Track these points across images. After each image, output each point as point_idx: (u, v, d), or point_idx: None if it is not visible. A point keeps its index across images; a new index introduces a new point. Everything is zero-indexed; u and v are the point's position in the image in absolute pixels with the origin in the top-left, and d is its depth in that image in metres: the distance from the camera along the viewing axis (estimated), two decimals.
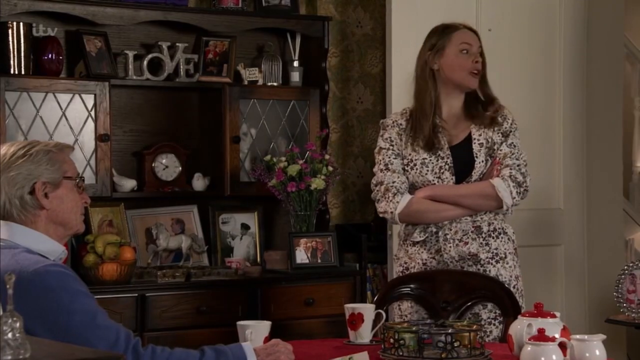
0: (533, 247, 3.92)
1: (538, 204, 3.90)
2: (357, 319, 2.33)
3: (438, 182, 2.76)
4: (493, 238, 2.79)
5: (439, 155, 2.78)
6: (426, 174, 2.77)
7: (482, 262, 2.78)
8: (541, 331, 1.95)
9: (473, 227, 2.77)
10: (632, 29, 5.34)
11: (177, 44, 3.70)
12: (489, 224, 2.79)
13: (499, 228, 2.81)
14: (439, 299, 2.72)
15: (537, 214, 3.93)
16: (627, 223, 4.84)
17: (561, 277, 3.98)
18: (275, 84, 3.88)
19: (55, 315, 1.78)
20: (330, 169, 3.71)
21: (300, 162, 3.68)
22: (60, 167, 1.96)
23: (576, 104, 3.99)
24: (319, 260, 3.68)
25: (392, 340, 2.07)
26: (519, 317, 2.12)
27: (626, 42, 4.86)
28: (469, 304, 2.74)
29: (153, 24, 3.69)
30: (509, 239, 2.82)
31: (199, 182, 3.74)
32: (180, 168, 3.75)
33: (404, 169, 2.82)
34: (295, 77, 3.92)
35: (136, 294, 3.31)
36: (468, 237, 2.77)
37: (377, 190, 2.82)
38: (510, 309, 2.64)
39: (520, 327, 2.05)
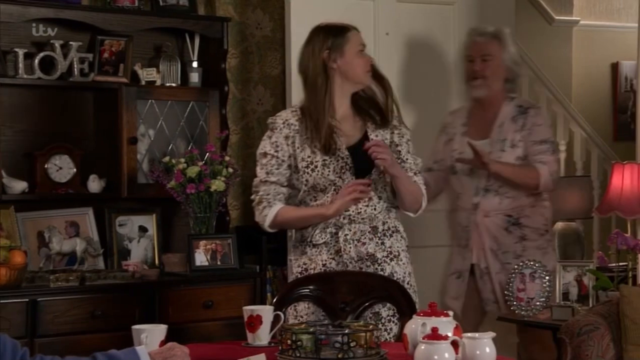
0: (431, 248, 4.00)
1: (437, 205, 3.98)
2: (255, 321, 2.33)
3: (339, 181, 2.81)
4: (387, 237, 2.87)
5: (339, 155, 2.83)
6: (328, 174, 2.82)
7: (379, 261, 2.84)
8: (434, 330, 1.99)
9: (370, 227, 2.83)
10: (522, 35, 5.53)
11: (71, 43, 3.60)
12: (384, 223, 2.86)
13: (393, 227, 2.89)
14: (338, 299, 2.75)
15: (436, 215, 4.00)
16: None
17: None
18: (173, 84, 3.83)
19: None
20: (231, 170, 3.69)
21: (200, 163, 3.64)
22: None
23: None
24: (219, 263, 3.65)
25: (289, 342, 2.07)
26: (414, 316, 2.16)
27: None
28: (367, 304, 2.78)
29: (45, 21, 3.59)
30: (401, 237, 2.90)
31: (94, 184, 3.66)
32: (74, 169, 3.65)
33: (301, 171, 2.84)
34: (195, 77, 3.89)
35: (27, 299, 3.21)
36: (365, 237, 2.83)
37: (253, 199, 2.90)
38: (406, 309, 2.68)
39: (415, 326, 2.09)
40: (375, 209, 2.85)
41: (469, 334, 2.02)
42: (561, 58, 6.22)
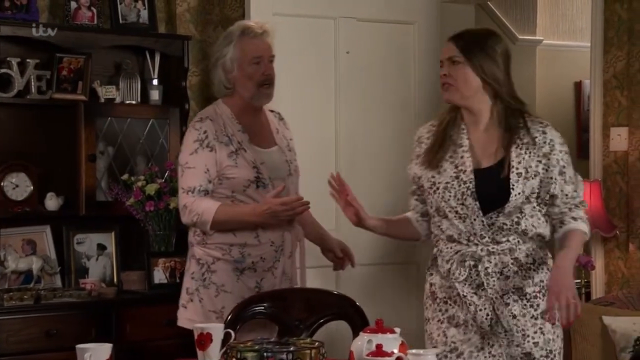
0: (390, 265, 4.03)
1: None
2: (206, 339, 2.32)
3: (461, 208, 2.47)
4: (534, 270, 2.51)
5: (461, 178, 2.49)
6: (449, 199, 2.50)
7: (528, 296, 2.48)
8: (379, 347, 2.01)
9: (512, 258, 2.47)
10: None
11: (28, 60, 3.60)
12: (527, 255, 2.49)
13: (539, 259, 2.52)
14: (292, 317, 2.75)
15: None
16: None
17: (416, 294, 4.09)
18: (133, 102, 3.84)
19: None
20: None
21: (160, 181, 3.64)
22: None
23: None
24: (178, 280, 3.64)
25: None
26: (361, 333, 2.17)
27: None
28: (321, 321, 2.78)
29: (1, 39, 3.57)
30: (549, 269, 2.50)
31: (52, 202, 3.64)
32: (31, 187, 3.64)
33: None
34: (155, 95, 3.90)
35: None
36: (509, 270, 2.47)
37: None
38: (359, 326, 2.69)
39: (361, 343, 2.10)
40: (508, 243, 2.48)
41: (414, 351, 2.03)
42: (525, 77, 6.30)
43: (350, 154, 3.95)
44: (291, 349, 2.07)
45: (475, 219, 2.44)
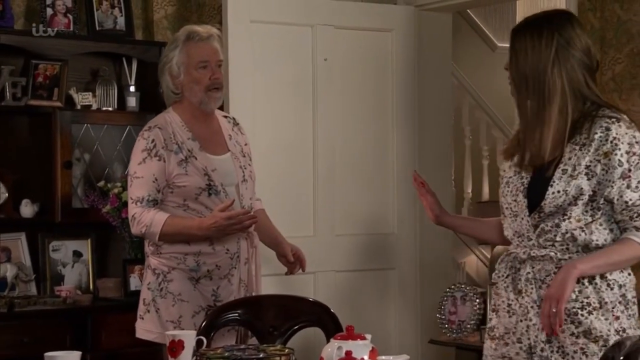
0: (368, 271, 4.03)
1: (372, 228, 4.02)
2: (178, 346, 2.31)
3: (514, 205, 2.29)
4: (584, 284, 2.22)
5: (522, 173, 2.31)
6: (506, 195, 2.33)
7: (566, 311, 2.19)
8: (348, 353, 2.01)
9: (556, 267, 2.22)
10: (465, 62, 5.63)
11: (3, 67, 3.59)
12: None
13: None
14: (266, 323, 2.75)
15: (371, 238, 4.04)
16: (459, 247, 5.03)
17: (395, 300, 4.10)
18: (110, 108, 3.83)
19: None
20: None
21: None
22: None
23: (408, 131, 4.15)
24: None
25: None
26: (331, 339, 2.17)
27: (456, 74, 5.10)
28: (296, 327, 2.78)
29: None
30: (608, 285, 2.22)
31: (27, 209, 3.63)
32: (6, 194, 3.63)
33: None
34: (132, 102, 3.90)
35: None
36: (551, 279, 2.23)
37: None
38: (333, 333, 2.68)
39: (331, 350, 2.11)
40: (554, 248, 2.24)
41: (384, 357, 2.04)
42: (504, 84, 6.32)
43: (329, 161, 3.96)
44: (261, 355, 2.07)
45: (523, 218, 2.25)
